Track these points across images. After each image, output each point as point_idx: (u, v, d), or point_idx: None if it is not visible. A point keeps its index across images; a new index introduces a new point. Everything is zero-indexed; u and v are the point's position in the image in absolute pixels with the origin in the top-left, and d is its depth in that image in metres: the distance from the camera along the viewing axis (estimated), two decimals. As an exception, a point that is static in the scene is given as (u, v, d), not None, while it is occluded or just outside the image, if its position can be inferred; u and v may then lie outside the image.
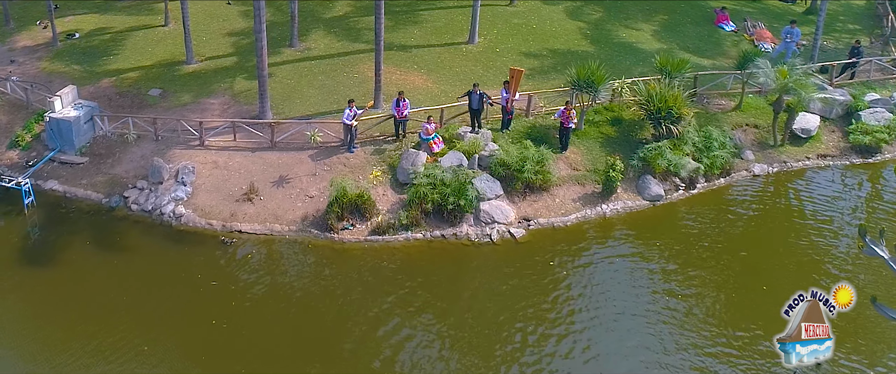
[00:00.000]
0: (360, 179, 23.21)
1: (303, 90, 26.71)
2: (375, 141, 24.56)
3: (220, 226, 22.34)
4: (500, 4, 32.75)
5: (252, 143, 24.46)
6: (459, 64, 28.43)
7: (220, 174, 23.62)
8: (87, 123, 24.68)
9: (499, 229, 22.45)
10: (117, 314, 19.33)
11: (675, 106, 24.33)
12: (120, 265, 21.08)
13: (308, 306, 19.75)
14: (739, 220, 23.55)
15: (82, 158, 24.48)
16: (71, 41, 29.97)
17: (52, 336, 18.61)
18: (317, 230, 22.17)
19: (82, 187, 23.72)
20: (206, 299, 19.91)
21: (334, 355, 18.31)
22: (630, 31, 32.00)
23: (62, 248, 21.68)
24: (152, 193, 23.10)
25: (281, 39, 29.54)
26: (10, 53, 29.46)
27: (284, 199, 22.95)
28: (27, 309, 19.53)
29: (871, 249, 10.24)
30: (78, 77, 27.76)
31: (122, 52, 29.19)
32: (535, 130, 25.17)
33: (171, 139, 24.67)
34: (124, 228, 22.50)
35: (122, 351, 18.22)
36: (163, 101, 26.57)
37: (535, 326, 19.06)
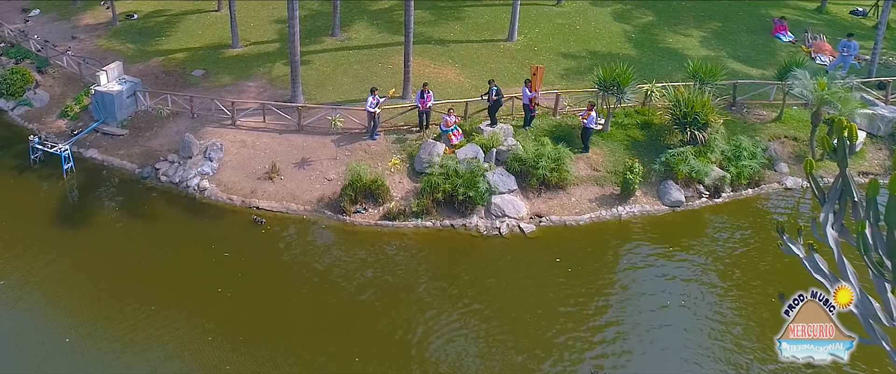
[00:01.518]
0: (378, 165, 24.24)
1: (336, 78, 27.99)
2: (399, 130, 25.56)
3: (240, 201, 23.77)
4: (546, 4, 33.32)
5: (280, 125, 25.86)
6: (495, 60, 29.16)
7: (246, 153, 25.09)
8: (129, 98, 26.60)
9: (509, 223, 23.05)
10: (135, 275, 20.96)
11: (702, 112, 24.37)
12: (143, 231, 22.75)
13: (310, 281, 20.87)
14: (759, 231, 23.38)
15: (123, 131, 26.42)
16: (129, 21, 32.24)
17: (75, 290, 20.36)
18: (330, 212, 23.31)
19: (119, 156, 25.62)
20: (217, 268, 21.29)
21: (324, 327, 19.33)
22: (678, 36, 32.01)
23: (93, 211, 23.55)
24: (181, 166, 24.75)
25: (324, 28, 30.97)
26: (73, 30, 31.94)
27: (303, 180, 24.20)
28: (57, 265, 21.32)
29: (787, 247, 10.43)
30: (130, 55, 29.90)
31: (174, 34, 31.22)
32: (559, 128, 25.64)
33: (206, 117, 26.33)
34: (152, 197, 24.22)
35: (133, 309, 19.77)
36: (204, 81, 28.33)
37: (502, 318, 19.58)
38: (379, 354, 18.64)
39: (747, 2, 35.49)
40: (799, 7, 36.00)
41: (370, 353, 18.66)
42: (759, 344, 18.78)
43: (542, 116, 26.16)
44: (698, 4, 34.65)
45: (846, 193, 10.74)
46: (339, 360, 18.53)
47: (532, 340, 18.97)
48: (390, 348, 18.78)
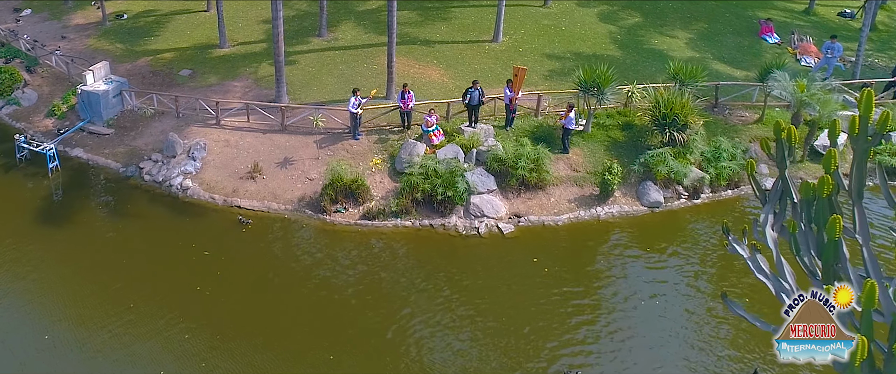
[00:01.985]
0: (360, 165, 24.58)
1: (322, 78, 28.34)
2: (381, 130, 25.90)
3: (222, 201, 24.14)
4: (533, 5, 33.63)
5: (264, 125, 26.22)
6: (479, 61, 29.48)
7: (229, 152, 25.45)
8: (115, 98, 26.98)
9: (487, 222, 23.38)
10: (114, 272, 21.32)
11: (681, 114, 24.66)
12: (124, 230, 23.12)
13: (287, 280, 21.22)
14: (736, 232, 23.60)
15: (108, 130, 26.80)
16: (119, 21, 32.65)
17: (54, 287, 20.72)
18: (311, 211, 23.66)
19: (104, 155, 26.01)
20: (196, 267, 21.64)
21: (298, 325, 19.67)
22: (664, 38, 32.30)
23: (76, 210, 23.94)
24: (165, 165, 25.13)
25: (311, 29, 31.33)
26: (63, 30, 32.35)
27: (285, 179, 24.55)
28: (36, 263, 21.68)
29: (732, 247, 10.71)
30: (119, 55, 30.30)
31: (163, 34, 31.61)
32: (540, 129, 25.94)
33: (191, 117, 26.71)
34: (135, 196, 24.60)
35: (112, 307, 20.13)
36: (191, 81, 28.70)
37: (477, 317, 19.89)
38: (352, 351, 18.97)
39: (734, 3, 35.77)
40: (786, 9, 36.27)
41: (343, 351, 18.99)
42: (731, 345, 19.09)
43: (524, 116, 26.47)
44: (685, 5, 34.95)
45: (786, 194, 11.06)
46: (313, 357, 18.87)
47: (504, 339, 19.29)
48: (363, 346, 19.12)
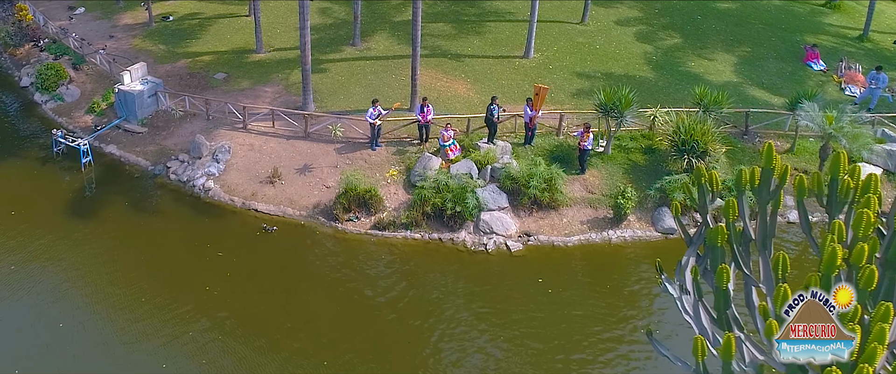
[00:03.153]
0: (376, 176, 25.26)
1: (349, 87, 29.15)
2: (401, 142, 26.53)
3: (241, 203, 25.12)
4: (570, 21, 33.80)
5: (288, 131, 27.15)
6: (508, 77, 29.85)
7: (252, 156, 26.45)
8: (150, 98, 28.33)
9: (496, 240, 23.74)
10: (131, 268, 22.55)
11: (701, 140, 24.56)
12: (144, 226, 24.33)
13: (293, 284, 22.06)
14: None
15: (142, 129, 28.15)
16: (164, 23, 34.15)
17: (69, 278, 22.01)
18: (324, 218, 24.45)
19: (135, 153, 27.34)
20: (209, 267, 22.65)
21: (297, 328, 20.42)
22: (702, 60, 32.06)
23: (102, 204, 25.30)
24: (190, 166, 26.28)
25: (346, 37, 32.21)
26: (112, 29, 34.02)
27: (303, 185, 25.40)
28: (55, 253, 23.03)
29: (664, 286, 10.87)
30: (160, 55, 31.74)
31: (204, 37, 32.95)
32: (560, 148, 26.17)
33: (220, 120, 27.84)
34: (160, 194, 25.82)
35: (122, 300, 21.29)
36: (224, 84, 29.90)
37: (463, 335, 20.27)
38: (345, 355, 19.61)
39: (783, 27, 35.20)
40: (839, 34, 35.49)
41: (337, 355, 19.65)
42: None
43: (545, 135, 26.74)
44: (729, 28, 34.58)
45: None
46: (308, 360, 19.60)
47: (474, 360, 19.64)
48: (349, 349, 19.74)
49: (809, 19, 36.46)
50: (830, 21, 36.48)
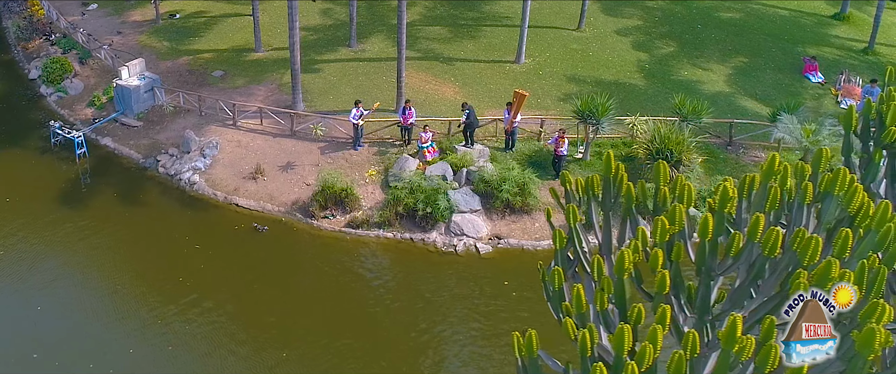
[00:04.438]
0: (356, 175, 26.04)
1: (340, 87, 29.99)
2: (383, 143, 27.28)
3: (223, 198, 26.12)
4: (566, 28, 34.21)
5: (276, 129, 28.08)
6: (496, 81, 30.41)
7: (239, 152, 27.43)
8: (147, 93, 29.50)
9: (466, 241, 24.34)
10: (110, 255, 23.71)
11: (676, 149, 24.86)
12: (130, 217, 25.46)
13: (261, 277, 22.90)
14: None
15: (138, 123, 29.34)
16: (171, 20, 35.39)
17: (56, 263, 23.23)
18: (301, 215, 25.30)
19: (129, 146, 28.52)
20: (186, 259, 23.68)
21: (256, 321, 21.29)
22: (696, 70, 32.24)
23: (91, 194, 26.54)
24: (178, 160, 27.37)
25: (344, 39, 33.07)
26: (120, 26, 35.36)
27: (284, 182, 26.29)
28: (48, 238, 24.25)
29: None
30: (163, 52, 32.95)
31: (207, 35, 34.09)
32: (539, 154, 26.67)
33: (213, 116, 28.90)
34: (148, 186, 26.95)
35: (100, 286, 22.42)
36: (221, 81, 30.96)
37: (416, 334, 20.91)
38: (300, 349, 20.43)
39: (785, 38, 35.16)
40: (844, 47, 35.32)
41: (294, 347, 20.47)
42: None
43: (526, 140, 27.25)
44: (729, 38, 34.65)
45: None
46: (266, 351, 20.46)
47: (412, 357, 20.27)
48: (310, 345, 20.55)
49: (815, 31, 36.34)
50: (837, 33, 36.31)
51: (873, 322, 8.05)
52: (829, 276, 8.24)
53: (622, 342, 8.29)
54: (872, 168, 12.04)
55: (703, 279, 9.41)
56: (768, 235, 8.70)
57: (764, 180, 9.55)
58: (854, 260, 9.03)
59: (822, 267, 8.27)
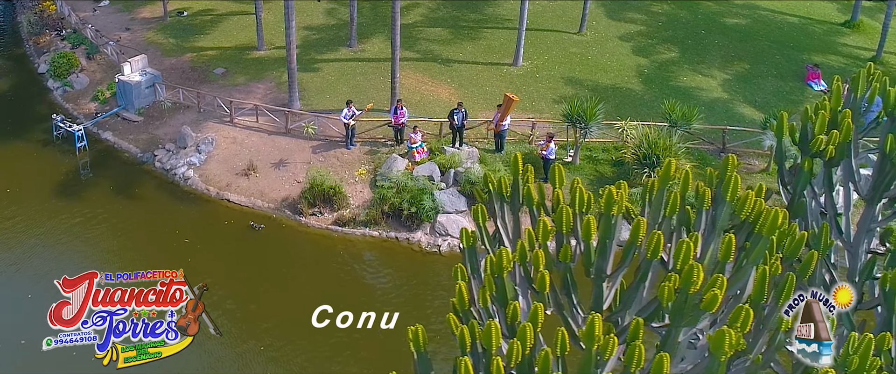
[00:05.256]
0: (346, 174, 26.50)
1: (337, 87, 30.49)
2: (376, 142, 27.72)
3: (215, 193, 26.72)
4: (567, 32, 34.39)
5: (271, 126, 28.65)
6: (492, 83, 30.70)
7: (234, 149, 28.04)
8: (148, 89, 30.25)
9: (451, 241, 24.67)
10: (101, 246, 24.39)
11: (663, 155, 24.97)
12: (124, 209, 26.18)
13: (247, 271, 23.44)
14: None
15: (138, 118, 30.09)
16: (178, 18, 36.17)
17: (49, 252, 23.98)
18: (290, 212, 25.82)
19: (128, 140, 29.27)
20: (175, 251, 24.27)
21: (240, 309, 21.84)
22: (696, 75, 32.27)
23: (90, 186, 27.33)
24: (174, 155, 28.03)
25: (344, 39, 33.58)
26: (129, 22, 36.21)
27: (276, 179, 26.84)
28: (44, 227, 25.03)
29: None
30: (168, 49, 33.71)
31: (212, 33, 34.81)
32: (530, 157, 26.85)
33: (210, 113, 29.55)
34: (144, 180, 27.65)
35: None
36: (222, 79, 31.62)
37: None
38: (267, 341, 20.94)
39: (790, 45, 35.03)
40: (852, 55, 35.10)
41: (270, 339, 20.98)
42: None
43: (517, 143, 27.53)
44: (733, 44, 34.60)
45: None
46: (247, 344, 21.01)
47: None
48: (285, 337, 21.05)
49: (824, 38, 36.16)
50: (846, 41, 36.10)
51: (739, 324, 8.28)
52: (691, 280, 8.48)
53: (490, 338, 8.60)
54: (802, 176, 12.21)
55: (595, 280, 9.68)
56: (650, 238, 8.96)
57: (661, 185, 9.79)
58: (751, 266, 9.25)
59: (686, 270, 8.51)
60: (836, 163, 12.35)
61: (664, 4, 37.43)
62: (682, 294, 8.54)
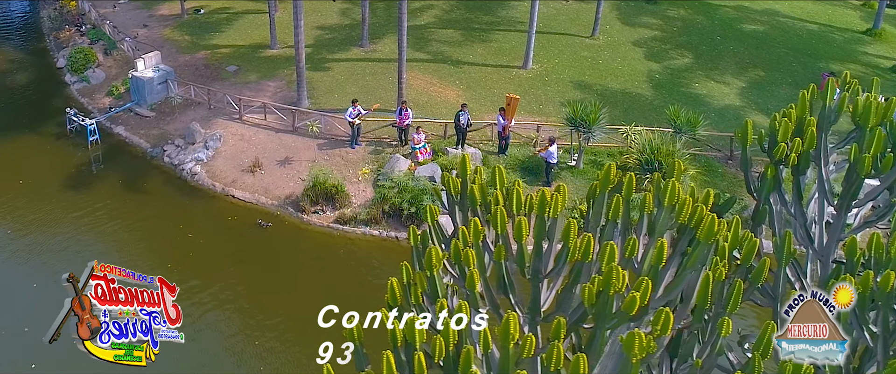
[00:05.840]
0: (349, 173, 26.88)
1: (346, 86, 30.91)
2: (381, 142, 28.07)
3: (221, 189, 27.26)
4: (580, 36, 34.49)
5: (279, 124, 29.14)
6: (500, 86, 30.90)
7: (241, 145, 28.57)
8: (160, 85, 30.92)
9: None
10: (106, 238, 24.99)
11: (666, 161, 25.00)
12: (131, 203, 26.80)
13: (246, 266, 23.91)
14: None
15: (150, 113, 30.77)
16: (195, 15, 36.90)
17: (54, 242, 24.67)
18: (292, 209, 26.25)
19: (139, 135, 29.95)
20: (177, 246, 24.84)
21: (235, 301, 22.30)
22: (709, 82, 32.19)
23: (99, 179, 28.02)
24: (182, 150, 28.64)
25: (357, 39, 34.01)
26: (147, 19, 37.03)
27: (280, 177, 27.30)
28: (52, 219, 25.74)
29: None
30: (184, 46, 34.42)
31: (227, 31, 35.46)
32: (533, 159, 27.08)
33: (220, 110, 30.12)
34: (152, 174, 28.28)
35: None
36: (234, 76, 32.21)
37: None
38: (259, 332, 21.34)
39: (808, 53, 34.77)
40: (871, 64, 34.75)
41: (261, 331, 21.40)
42: None
43: (521, 145, 27.71)
44: (748, 51, 34.44)
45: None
46: (239, 339, 21.45)
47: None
48: (276, 331, 21.44)
49: (844, 46, 35.87)
50: (867, 50, 35.76)
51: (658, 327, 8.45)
52: (611, 282, 8.65)
53: (413, 334, 8.84)
54: (766, 184, 12.29)
55: (532, 281, 9.88)
56: (580, 241, 9.15)
57: (602, 190, 9.97)
58: (689, 271, 9.41)
59: (606, 272, 8.69)
60: (803, 171, 12.43)
61: (681, 9, 37.37)
62: (604, 296, 8.73)
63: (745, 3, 38.56)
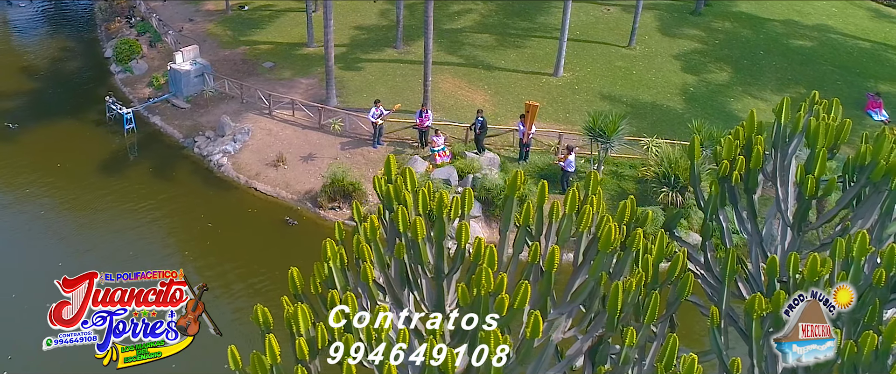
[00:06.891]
0: (370, 172, 27.74)
1: (376, 87, 31.84)
2: (403, 143, 28.89)
3: (244, 181, 28.46)
4: (616, 45, 34.70)
5: (306, 121, 30.25)
6: (528, 93, 31.39)
7: (268, 140, 29.76)
8: (197, 78, 32.39)
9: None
10: (133, 222, 26.44)
11: (682, 175, 25.13)
12: (159, 190, 28.24)
13: (259, 256, 24.99)
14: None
15: (186, 105, 32.26)
16: (239, 11, 38.41)
17: (82, 222, 26.25)
18: (310, 205, 27.26)
19: (173, 126, 31.44)
20: (197, 235, 26.10)
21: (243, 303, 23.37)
22: (747, 98, 32.04)
23: (132, 166, 29.62)
24: (212, 142, 29.98)
25: (392, 40, 34.94)
26: (194, 14, 38.69)
27: (302, 172, 28.36)
28: (83, 200, 27.36)
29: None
30: (225, 41, 35.91)
31: (268, 28, 36.83)
32: (553, 167, 27.50)
33: (252, 104, 31.41)
34: (182, 164, 29.69)
35: (116, 252, 25.12)
36: (269, 73, 33.50)
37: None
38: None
39: (856, 70, 34.25)
40: (921, 85, 34.05)
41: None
42: None
43: (542, 152, 28.16)
44: (792, 67, 34.12)
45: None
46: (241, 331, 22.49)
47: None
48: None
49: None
50: (921, 71, 35.02)
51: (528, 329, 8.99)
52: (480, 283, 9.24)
53: (299, 322, 9.58)
54: (710, 200, 12.62)
55: (436, 279, 10.49)
56: (475, 243, 9.77)
57: (509, 193, 10.56)
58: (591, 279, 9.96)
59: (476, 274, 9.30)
60: (752, 189, 12.73)
61: (726, 22, 37.21)
62: (477, 296, 9.38)
63: (796, 18, 38.14)
